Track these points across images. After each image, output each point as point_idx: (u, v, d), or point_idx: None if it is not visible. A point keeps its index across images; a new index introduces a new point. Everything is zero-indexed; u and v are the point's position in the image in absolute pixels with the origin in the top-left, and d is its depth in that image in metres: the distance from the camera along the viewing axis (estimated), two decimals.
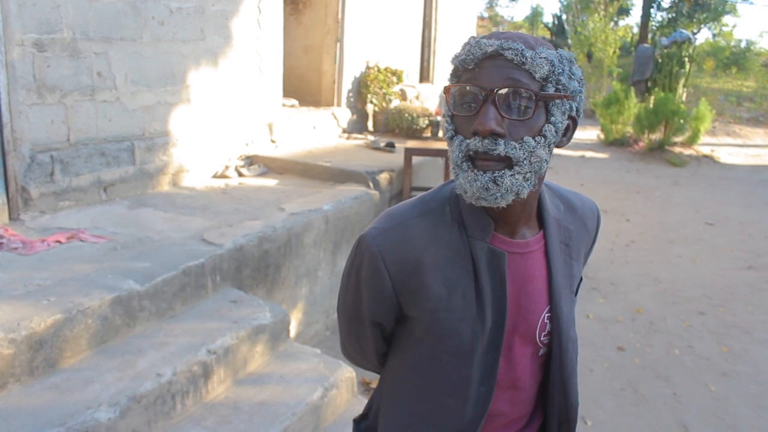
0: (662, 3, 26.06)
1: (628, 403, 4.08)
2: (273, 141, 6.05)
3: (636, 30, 25.63)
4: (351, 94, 7.37)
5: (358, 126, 7.48)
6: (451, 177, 1.23)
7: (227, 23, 5.29)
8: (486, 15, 37.41)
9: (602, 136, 13.38)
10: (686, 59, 13.91)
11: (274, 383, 3.15)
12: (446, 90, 1.21)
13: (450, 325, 1.24)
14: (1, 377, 2.51)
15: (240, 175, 5.43)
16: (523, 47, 1.13)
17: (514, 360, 1.30)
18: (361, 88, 7.42)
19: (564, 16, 26.69)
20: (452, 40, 9.47)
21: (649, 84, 14.20)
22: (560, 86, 1.16)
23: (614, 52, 16.36)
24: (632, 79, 14.54)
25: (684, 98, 14.19)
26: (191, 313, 3.30)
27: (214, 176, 5.39)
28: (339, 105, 7.27)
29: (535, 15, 35.74)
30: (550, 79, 1.14)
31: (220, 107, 5.36)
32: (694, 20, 25.22)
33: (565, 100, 1.17)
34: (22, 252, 3.41)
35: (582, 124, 15.80)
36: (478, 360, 1.25)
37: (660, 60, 14.10)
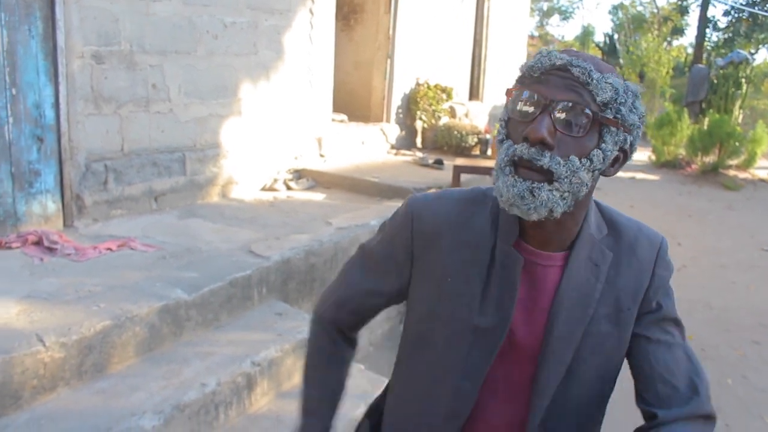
0: (719, 23, 25.60)
1: None
2: (321, 155, 6.08)
3: (690, 50, 25.19)
4: (400, 111, 7.38)
5: (406, 142, 7.48)
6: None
7: (279, 38, 5.36)
8: (536, 34, 37.25)
9: (653, 158, 13.12)
10: (743, 80, 13.59)
11: None
12: (508, 92, 1.19)
13: (449, 309, 1.25)
14: (51, 380, 2.55)
15: (288, 188, 5.47)
16: (592, 68, 1.11)
17: (511, 366, 1.25)
18: (410, 104, 7.43)
19: (616, 36, 26.40)
20: (502, 58, 9.43)
21: (704, 105, 13.91)
22: (619, 115, 1.13)
23: (667, 73, 16.10)
24: (686, 101, 14.26)
25: (740, 120, 13.85)
26: (237, 324, 3.32)
27: (263, 189, 5.44)
28: (388, 121, 7.28)
29: (586, 34, 35.41)
30: (611, 105, 1.12)
31: (270, 120, 5.42)
32: (752, 40, 24.67)
33: (621, 130, 1.14)
34: (75, 258, 3.47)
35: None
36: (468, 353, 1.24)
37: (715, 81, 13.80)
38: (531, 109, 1.13)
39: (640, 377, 1.27)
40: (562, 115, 1.11)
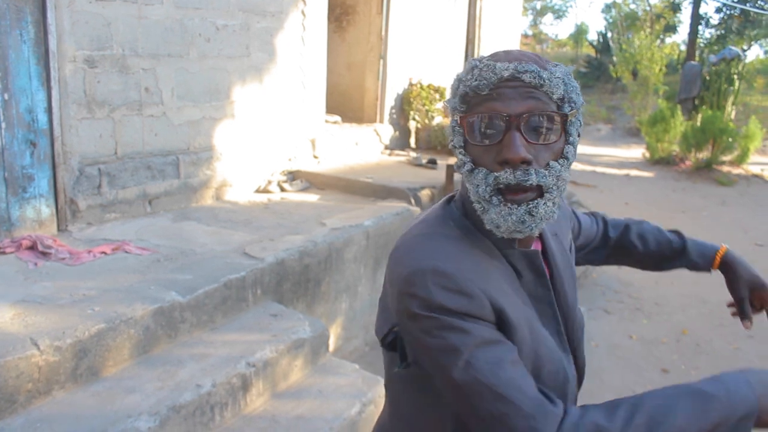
0: (711, 20, 25.68)
1: None
2: (315, 156, 6.09)
3: (683, 47, 25.26)
4: (393, 111, 7.39)
5: (400, 142, 7.49)
6: (478, 210, 1.14)
7: (272, 40, 5.37)
8: (530, 33, 37.30)
9: (647, 155, 13.18)
10: (735, 76, 13.65)
11: (312, 397, 3.14)
12: (461, 120, 1.13)
13: (537, 329, 1.17)
14: (46, 383, 2.56)
15: (282, 190, 5.48)
16: (538, 68, 1.08)
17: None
18: (403, 104, 7.44)
19: (609, 34, 26.46)
20: None
21: (697, 102, 13.96)
22: (573, 104, 1.13)
23: (660, 70, 16.13)
24: (679, 97, 14.31)
25: (733, 116, 13.90)
26: (232, 326, 3.33)
27: (257, 191, 5.45)
28: (381, 121, 7.30)
29: (580, 32, 35.51)
30: (566, 98, 1.12)
31: (264, 123, 5.43)
32: (744, 37, 24.75)
33: (578, 116, 1.15)
34: (69, 262, 3.48)
35: (627, 142, 15.63)
36: (563, 353, 1.23)
37: (708, 77, 13.86)
38: (495, 131, 1.09)
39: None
40: (529, 127, 1.08)
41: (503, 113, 1.08)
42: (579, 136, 1.19)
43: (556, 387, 1.19)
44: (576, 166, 12.46)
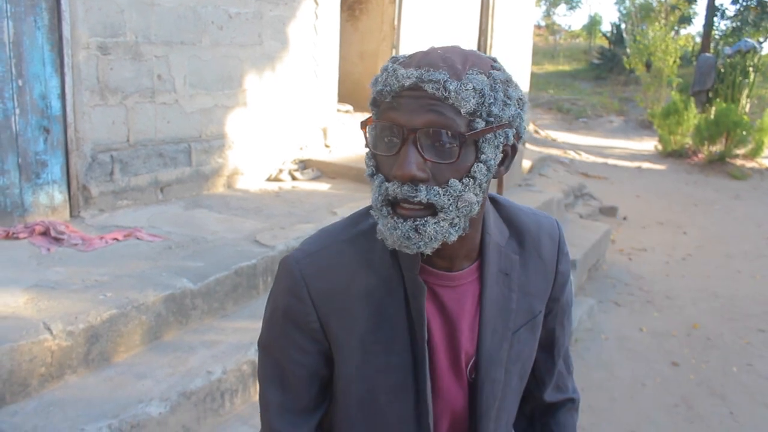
0: (727, 11, 25.42)
1: (682, 420, 3.97)
2: (327, 146, 6.09)
3: (698, 39, 25.03)
4: None
5: None
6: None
7: (284, 28, 5.36)
8: (543, 23, 37.06)
9: (660, 147, 13.09)
10: (751, 69, 13.51)
11: None
12: (363, 125, 1.07)
13: (382, 359, 1.14)
14: (59, 368, 2.59)
15: (293, 178, 5.49)
16: (447, 78, 0.98)
17: (443, 391, 1.20)
18: None
19: (623, 25, 26.24)
20: (508, 48, 9.40)
21: (711, 94, 13.84)
22: (492, 118, 1.01)
23: (674, 62, 15.99)
24: (692, 89, 14.18)
25: (747, 109, 13.77)
26: (242, 313, 3.34)
27: (268, 179, 5.46)
28: None
29: (593, 23, 35.23)
30: (479, 112, 0.99)
31: (276, 111, 5.43)
32: (761, 28, 24.47)
33: (499, 131, 1.03)
34: (82, 248, 3.50)
35: (639, 134, 15.52)
36: (416, 395, 1.16)
37: (722, 70, 13.73)
38: (393, 142, 1.02)
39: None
40: (428, 142, 0.99)
41: (399, 124, 1.00)
42: (515, 147, 1.10)
43: (398, 420, 1.17)
44: (587, 157, 12.41)
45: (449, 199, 1.01)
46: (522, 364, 1.26)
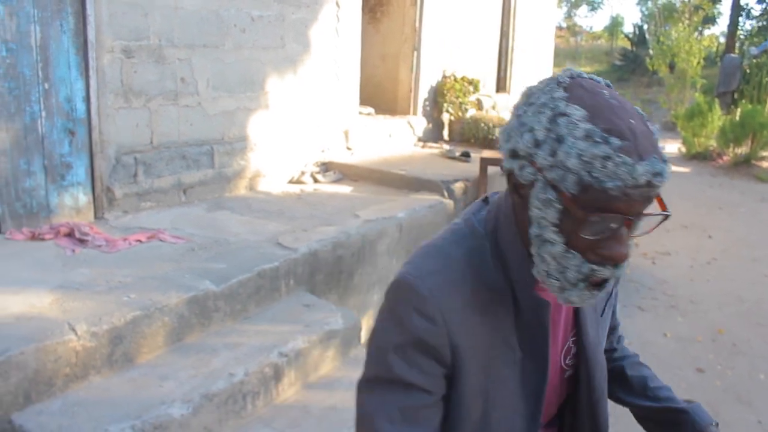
0: (752, 11, 25.10)
1: None
2: (349, 148, 6.10)
3: (722, 39, 24.75)
4: (427, 103, 7.36)
5: (433, 135, 7.46)
6: (533, 258, 1.09)
7: (306, 31, 5.37)
8: (564, 25, 36.87)
9: (683, 150, 12.94)
10: None
11: (344, 388, 3.15)
12: (572, 206, 0.99)
13: (497, 372, 1.15)
14: (83, 368, 2.60)
15: (315, 181, 5.49)
16: (666, 167, 0.98)
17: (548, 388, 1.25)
18: (437, 97, 7.41)
19: (645, 26, 26.04)
20: (530, 50, 9.35)
21: (736, 96, 13.66)
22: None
23: (698, 63, 15.81)
24: (717, 91, 14.03)
25: None
26: (264, 315, 3.35)
27: (290, 181, 5.47)
28: (415, 113, 7.27)
29: (615, 25, 34.98)
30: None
31: (298, 114, 5.44)
32: None
33: None
34: (106, 249, 3.53)
35: (663, 136, 15.30)
36: (525, 405, 1.20)
37: (748, 70, 13.56)
38: (606, 227, 1.00)
39: None
40: (638, 224, 1.03)
41: (627, 216, 0.99)
42: None
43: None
44: None
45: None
46: (604, 340, 1.36)
